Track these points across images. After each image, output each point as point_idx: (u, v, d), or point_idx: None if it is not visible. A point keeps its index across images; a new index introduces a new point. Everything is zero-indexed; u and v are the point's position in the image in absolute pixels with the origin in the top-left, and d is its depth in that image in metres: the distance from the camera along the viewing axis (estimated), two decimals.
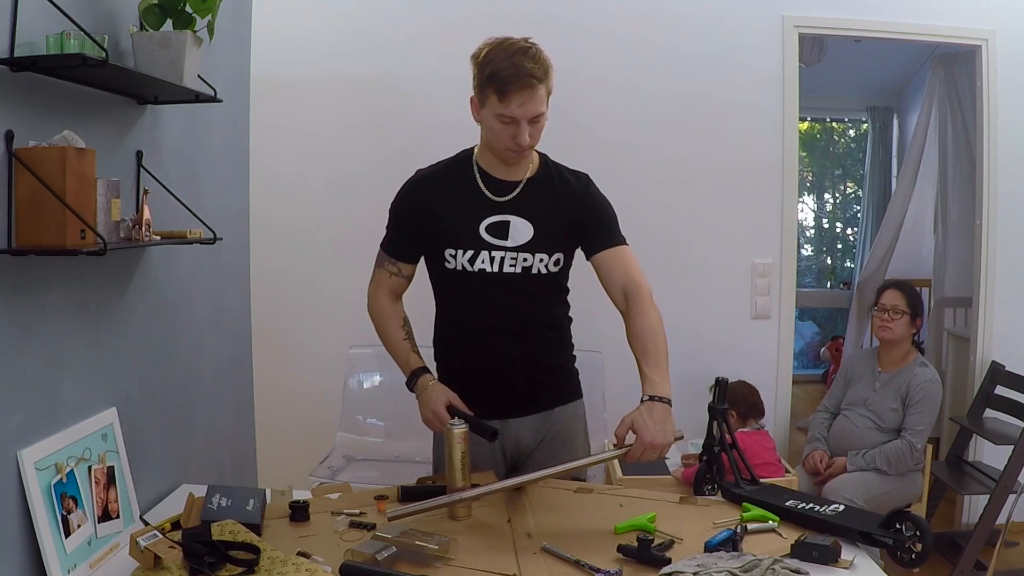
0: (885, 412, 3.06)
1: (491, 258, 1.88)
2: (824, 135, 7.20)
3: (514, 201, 1.89)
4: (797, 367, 5.30)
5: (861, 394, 3.17)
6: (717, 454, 1.98)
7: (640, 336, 1.81)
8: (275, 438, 3.22)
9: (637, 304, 1.85)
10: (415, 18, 3.25)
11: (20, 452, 1.59)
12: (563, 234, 1.92)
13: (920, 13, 3.38)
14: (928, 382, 3.04)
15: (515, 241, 1.89)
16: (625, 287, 1.88)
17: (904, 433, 3.00)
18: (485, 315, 1.92)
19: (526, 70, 1.73)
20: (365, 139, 3.28)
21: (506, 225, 1.89)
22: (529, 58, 1.75)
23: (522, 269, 1.90)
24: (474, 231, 1.88)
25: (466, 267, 1.89)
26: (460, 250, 1.89)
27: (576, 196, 1.94)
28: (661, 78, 3.31)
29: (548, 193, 1.92)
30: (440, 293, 2.00)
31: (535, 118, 1.79)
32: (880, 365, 3.18)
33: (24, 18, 1.57)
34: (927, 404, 3.01)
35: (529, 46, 1.78)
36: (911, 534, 1.64)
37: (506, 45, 1.77)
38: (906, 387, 3.05)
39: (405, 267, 1.98)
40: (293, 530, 1.76)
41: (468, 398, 1.91)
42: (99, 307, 1.92)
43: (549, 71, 1.79)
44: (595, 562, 1.55)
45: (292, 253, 3.27)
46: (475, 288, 1.90)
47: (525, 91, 1.74)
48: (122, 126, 2.02)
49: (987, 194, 3.47)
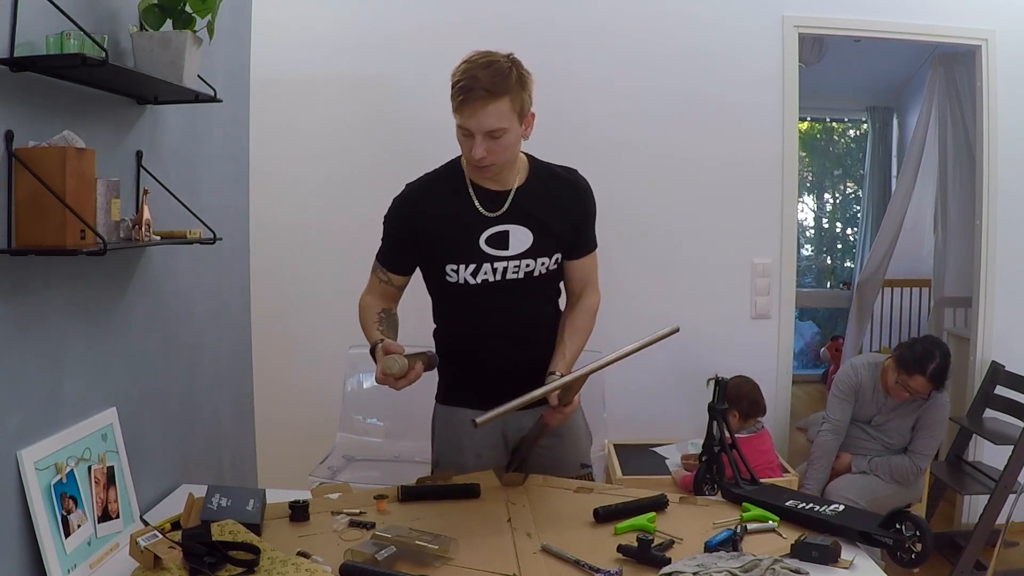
0: (893, 433, 3.06)
1: (493, 269, 1.89)
2: (824, 135, 7.20)
3: (508, 212, 1.89)
4: (797, 367, 5.30)
5: (868, 411, 3.13)
6: (717, 454, 1.99)
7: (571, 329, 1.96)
8: (275, 438, 3.22)
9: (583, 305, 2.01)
10: (415, 18, 3.25)
11: (20, 452, 1.59)
12: (561, 235, 1.94)
13: (920, 13, 3.38)
14: (940, 407, 3.04)
15: (516, 249, 1.89)
16: (584, 291, 2.03)
17: (912, 456, 3.01)
18: (488, 319, 1.93)
19: (480, 83, 1.71)
20: (365, 139, 3.28)
21: (506, 235, 1.89)
22: (491, 71, 1.72)
23: (524, 274, 1.91)
24: (474, 246, 1.88)
25: (469, 281, 1.89)
26: (462, 265, 1.88)
27: (573, 199, 1.96)
28: (661, 78, 3.31)
29: (542, 198, 1.92)
30: (440, 301, 2.00)
31: (493, 133, 1.75)
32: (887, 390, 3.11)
33: (24, 18, 1.57)
34: (938, 428, 3.03)
35: (495, 60, 1.75)
36: (911, 534, 1.64)
37: (475, 58, 1.76)
38: (918, 412, 3.04)
39: (396, 278, 1.97)
40: (293, 530, 1.76)
41: (472, 392, 1.95)
42: (99, 307, 1.92)
43: (514, 87, 1.75)
44: (595, 562, 1.55)
45: (292, 253, 3.27)
46: (477, 298, 1.91)
47: (476, 103, 1.72)
48: (122, 126, 2.02)
49: (987, 194, 3.47)
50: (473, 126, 1.74)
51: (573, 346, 1.93)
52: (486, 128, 1.74)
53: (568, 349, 1.91)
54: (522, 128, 1.81)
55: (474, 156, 1.77)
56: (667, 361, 3.30)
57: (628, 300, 3.30)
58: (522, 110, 1.79)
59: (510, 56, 1.79)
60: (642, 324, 3.31)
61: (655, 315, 3.33)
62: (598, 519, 1.75)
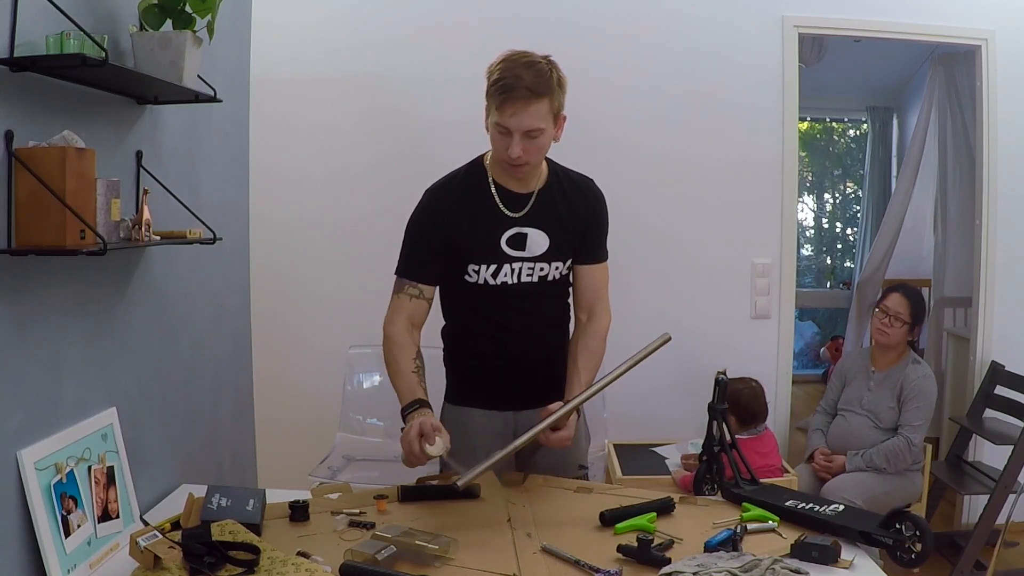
0: (882, 411, 3.07)
1: (512, 270, 1.91)
2: (824, 135, 7.20)
3: (529, 214, 1.92)
4: (797, 367, 5.29)
5: (856, 394, 3.17)
6: (717, 454, 1.99)
7: (586, 353, 1.95)
8: (275, 438, 3.23)
9: (595, 328, 1.99)
10: (415, 18, 3.25)
11: (20, 452, 1.59)
12: (574, 242, 1.97)
13: (920, 13, 3.38)
14: (921, 378, 3.05)
15: (532, 252, 1.91)
16: (592, 307, 2.00)
17: (901, 430, 3.00)
18: (502, 321, 1.95)
19: (523, 82, 1.74)
20: (365, 139, 3.28)
21: (524, 237, 1.91)
22: (533, 71, 1.75)
23: (538, 278, 1.93)
24: (496, 245, 1.90)
25: (489, 281, 1.91)
26: (484, 265, 1.90)
27: (586, 206, 1.98)
28: (661, 78, 3.31)
29: (560, 203, 1.95)
30: (454, 300, 2.00)
31: (531, 132, 1.78)
32: (874, 365, 3.19)
33: (24, 18, 1.57)
34: (922, 400, 3.02)
35: (538, 61, 1.78)
36: (911, 534, 1.64)
37: (515, 57, 1.79)
38: (900, 385, 3.06)
39: (427, 289, 1.93)
40: (293, 530, 1.76)
41: (482, 392, 1.97)
42: (99, 307, 1.92)
43: (554, 88, 1.78)
44: (595, 562, 1.55)
45: (292, 253, 3.27)
46: (493, 298, 1.92)
47: (519, 102, 1.74)
48: (122, 126, 2.02)
49: (987, 194, 3.47)
50: (513, 125, 1.76)
51: (587, 373, 1.92)
52: (526, 127, 1.76)
53: (583, 376, 1.91)
54: (555, 130, 1.85)
55: (511, 155, 1.79)
56: (667, 361, 3.26)
57: (628, 300, 3.28)
58: (557, 112, 1.82)
59: (548, 58, 1.82)
60: (642, 324, 3.31)
61: (655, 315, 3.34)
62: (604, 523, 1.74)
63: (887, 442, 3.00)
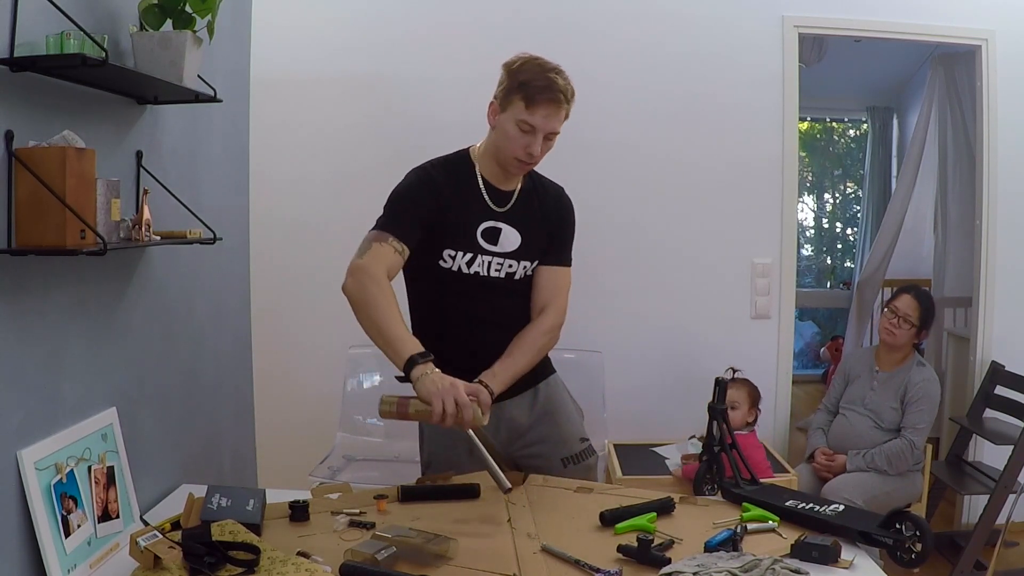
0: (884, 411, 3.07)
1: (484, 262, 1.95)
2: (824, 135, 7.20)
3: (511, 211, 1.98)
4: (797, 367, 5.28)
5: (859, 393, 3.17)
6: (717, 454, 1.99)
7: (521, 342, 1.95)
8: (275, 438, 3.23)
9: (540, 322, 1.99)
10: (415, 18, 3.25)
11: (20, 452, 1.59)
12: (543, 243, 2.02)
13: (920, 13, 3.38)
14: (926, 381, 3.05)
15: (503, 248, 1.96)
16: (546, 307, 2.01)
17: (904, 432, 3.00)
18: (468, 309, 1.96)
19: (558, 86, 1.84)
20: (365, 139, 3.28)
21: (497, 232, 1.96)
22: (563, 79, 1.87)
23: (506, 274, 1.97)
24: (472, 235, 1.94)
25: (463, 269, 1.94)
26: (460, 252, 1.93)
27: (557, 208, 2.05)
28: (661, 78, 3.31)
29: (534, 205, 2.01)
30: (421, 287, 2.00)
31: (550, 135, 1.88)
32: (878, 364, 3.19)
33: (24, 18, 1.57)
34: (926, 403, 3.02)
35: (562, 69, 1.89)
36: (911, 534, 1.64)
37: (542, 61, 1.88)
38: (904, 387, 3.06)
39: (407, 251, 1.87)
40: (293, 530, 1.76)
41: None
42: (99, 307, 1.92)
43: (572, 98, 1.89)
44: (595, 562, 1.55)
45: (292, 253, 3.27)
46: (464, 287, 1.95)
47: (552, 105, 1.84)
48: (122, 126, 2.02)
49: (987, 194, 3.47)
50: (541, 125, 1.85)
51: (514, 364, 1.90)
52: (550, 129, 1.87)
53: (505, 364, 1.89)
54: None
55: (531, 153, 1.87)
56: (667, 361, 3.30)
57: (628, 300, 3.31)
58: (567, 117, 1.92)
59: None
60: (641, 324, 3.34)
61: (655, 315, 3.35)
62: (604, 523, 1.74)
63: (889, 443, 3.00)
